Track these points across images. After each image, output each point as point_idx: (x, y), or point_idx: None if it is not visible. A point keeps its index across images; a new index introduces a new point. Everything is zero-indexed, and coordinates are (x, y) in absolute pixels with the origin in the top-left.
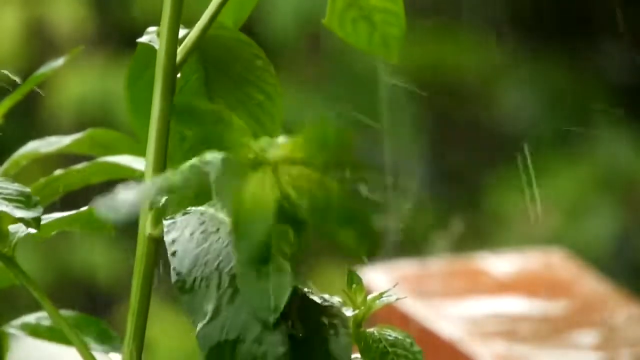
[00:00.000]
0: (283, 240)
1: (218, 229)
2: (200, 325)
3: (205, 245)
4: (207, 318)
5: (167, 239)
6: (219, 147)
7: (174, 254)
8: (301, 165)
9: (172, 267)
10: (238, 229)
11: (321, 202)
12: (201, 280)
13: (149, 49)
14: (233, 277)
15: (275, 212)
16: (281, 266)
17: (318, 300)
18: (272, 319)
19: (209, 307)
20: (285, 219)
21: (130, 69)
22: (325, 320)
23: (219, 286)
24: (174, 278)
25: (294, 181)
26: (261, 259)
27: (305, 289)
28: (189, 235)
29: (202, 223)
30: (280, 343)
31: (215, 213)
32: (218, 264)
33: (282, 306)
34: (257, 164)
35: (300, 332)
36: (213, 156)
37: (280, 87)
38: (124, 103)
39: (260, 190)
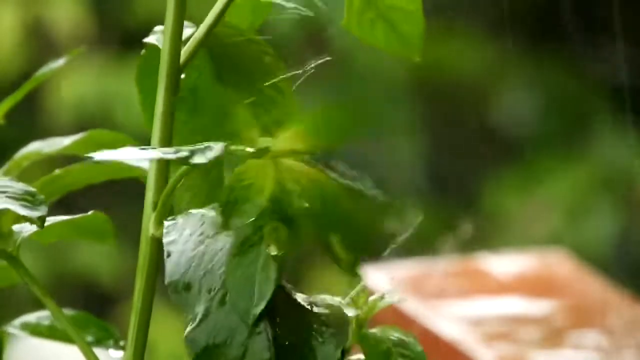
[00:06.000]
0: (275, 235)
1: (216, 233)
2: (189, 328)
3: (202, 247)
4: (197, 321)
5: (166, 239)
6: (221, 138)
7: (169, 255)
8: (302, 162)
9: (166, 268)
10: (228, 212)
11: (316, 202)
12: (193, 282)
13: (157, 48)
14: (224, 280)
15: (269, 201)
16: (269, 260)
17: (306, 303)
18: (254, 313)
19: (199, 310)
20: (278, 211)
21: (140, 68)
22: (314, 324)
23: (210, 289)
24: (167, 279)
25: (294, 176)
26: (250, 250)
27: (294, 291)
28: (187, 237)
29: (202, 225)
30: (265, 348)
31: (215, 216)
32: (211, 267)
33: (265, 300)
34: (257, 154)
35: (286, 336)
36: (214, 143)
37: (291, 83)
38: (136, 97)
39: (257, 178)
